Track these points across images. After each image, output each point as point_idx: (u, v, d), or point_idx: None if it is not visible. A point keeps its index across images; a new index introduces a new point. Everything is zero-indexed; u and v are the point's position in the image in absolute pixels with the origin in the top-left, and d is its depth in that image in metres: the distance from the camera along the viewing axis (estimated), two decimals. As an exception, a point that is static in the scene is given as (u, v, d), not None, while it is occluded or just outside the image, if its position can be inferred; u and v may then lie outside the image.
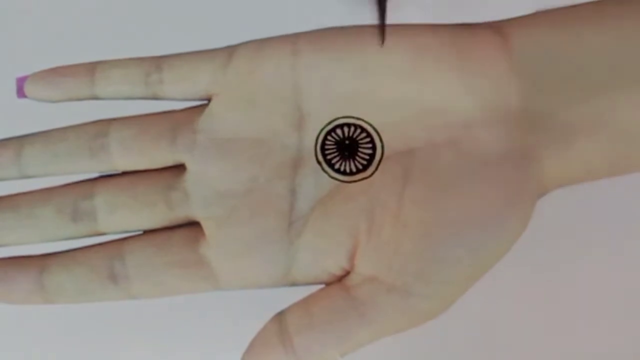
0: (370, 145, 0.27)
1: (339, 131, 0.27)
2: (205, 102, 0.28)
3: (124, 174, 0.28)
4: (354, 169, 0.27)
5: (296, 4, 0.29)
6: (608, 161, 0.26)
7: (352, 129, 0.27)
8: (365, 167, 0.27)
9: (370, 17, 0.27)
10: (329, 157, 0.27)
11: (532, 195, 0.26)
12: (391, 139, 0.27)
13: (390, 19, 0.28)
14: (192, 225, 0.27)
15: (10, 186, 0.28)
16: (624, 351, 0.26)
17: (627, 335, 0.26)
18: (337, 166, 0.27)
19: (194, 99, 0.28)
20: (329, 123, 0.27)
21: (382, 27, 0.25)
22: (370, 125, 0.27)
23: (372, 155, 0.27)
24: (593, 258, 0.27)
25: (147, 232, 0.27)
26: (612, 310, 0.26)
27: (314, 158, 0.27)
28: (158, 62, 0.28)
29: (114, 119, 0.28)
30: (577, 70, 0.27)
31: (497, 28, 0.28)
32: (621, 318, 0.26)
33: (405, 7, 0.28)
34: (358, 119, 0.27)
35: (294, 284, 0.26)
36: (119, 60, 0.29)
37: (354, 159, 0.27)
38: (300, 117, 0.27)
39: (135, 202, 0.27)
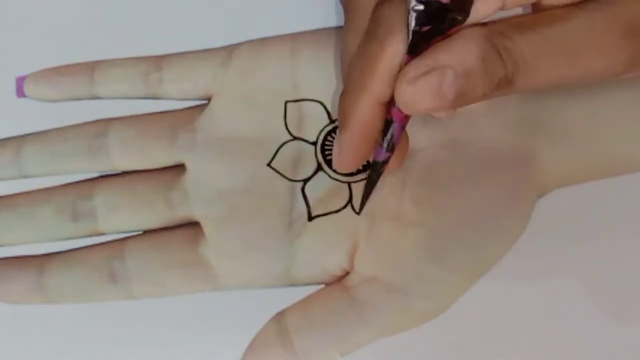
0: (370, 145, 0.27)
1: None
2: (205, 101, 0.28)
3: (124, 173, 0.28)
4: (353, 169, 0.27)
5: (296, 4, 0.29)
6: (607, 161, 0.26)
7: (352, 129, 0.27)
8: (365, 167, 0.27)
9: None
10: (329, 157, 0.27)
11: (532, 195, 0.26)
12: (391, 139, 0.27)
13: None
14: (192, 225, 0.27)
15: (10, 186, 0.28)
16: (624, 351, 0.26)
17: (628, 336, 0.26)
18: (337, 166, 0.27)
19: (194, 99, 0.28)
20: (329, 123, 0.27)
21: (364, 200, 0.26)
22: (370, 125, 0.27)
23: (372, 155, 0.27)
24: (593, 258, 0.27)
25: (147, 232, 0.27)
26: (612, 311, 0.26)
27: (314, 158, 0.27)
28: (158, 61, 0.28)
29: (114, 119, 0.28)
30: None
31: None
32: (621, 318, 0.26)
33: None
34: (358, 118, 0.27)
35: (293, 283, 0.26)
36: (119, 59, 0.29)
37: (354, 159, 0.27)
38: (300, 117, 0.27)
39: (135, 202, 0.27)
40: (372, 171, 0.24)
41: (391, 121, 0.23)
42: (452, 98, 0.20)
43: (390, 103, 0.22)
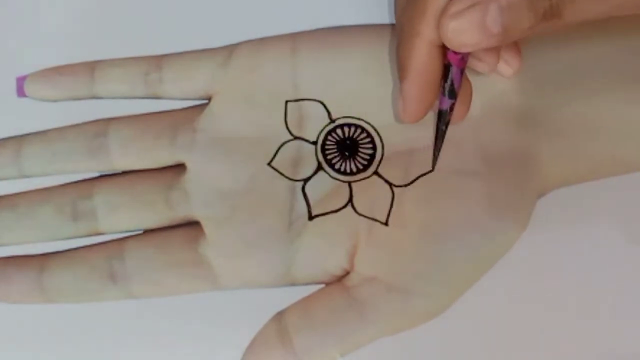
0: (370, 146, 0.27)
1: (339, 131, 0.27)
2: (205, 101, 0.28)
3: (124, 173, 0.28)
4: (354, 169, 0.27)
5: (296, 4, 0.29)
6: (608, 160, 0.26)
7: (353, 129, 0.27)
8: (365, 167, 0.27)
9: (369, 17, 0.27)
10: (329, 157, 0.27)
11: (532, 195, 0.26)
12: (391, 139, 0.27)
13: (390, 19, 0.28)
14: (192, 224, 0.27)
15: (10, 186, 0.27)
16: (624, 351, 0.26)
17: (628, 336, 0.26)
18: (337, 166, 0.27)
19: (194, 98, 0.28)
20: (330, 123, 0.27)
21: (436, 153, 0.26)
22: (371, 125, 0.27)
23: (373, 155, 0.27)
24: (593, 258, 0.27)
25: (147, 232, 0.27)
26: (612, 311, 0.26)
27: (314, 158, 0.27)
28: (158, 61, 0.28)
29: (113, 119, 0.28)
30: (577, 70, 0.27)
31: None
32: (621, 318, 0.26)
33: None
34: (358, 119, 0.27)
35: (293, 283, 0.26)
36: (119, 59, 0.29)
37: (354, 159, 0.27)
38: (300, 117, 0.27)
39: (135, 201, 0.27)
40: (439, 121, 0.25)
41: (450, 66, 0.23)
42: (497, 32, 0.20)
43: (447, 47, 0.22)
